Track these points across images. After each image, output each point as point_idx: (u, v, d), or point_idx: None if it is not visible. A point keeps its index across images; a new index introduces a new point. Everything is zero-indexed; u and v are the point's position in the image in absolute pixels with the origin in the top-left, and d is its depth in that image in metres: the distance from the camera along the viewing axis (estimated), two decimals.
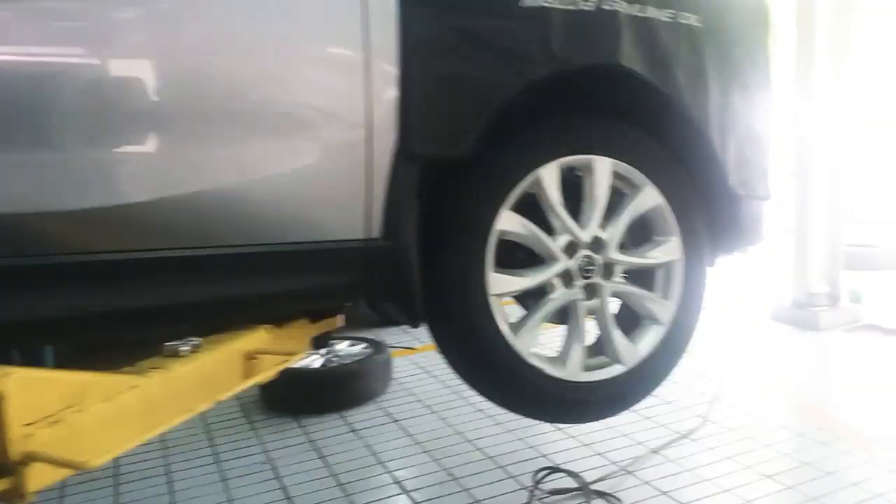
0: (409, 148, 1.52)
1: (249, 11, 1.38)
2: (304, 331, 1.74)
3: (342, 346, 3.50)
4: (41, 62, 1.26)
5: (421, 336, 4.02)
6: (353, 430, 2.94)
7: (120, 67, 1.33)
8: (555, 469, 2.38)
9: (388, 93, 1.49)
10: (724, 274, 5.27)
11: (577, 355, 1.82)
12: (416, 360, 3.76)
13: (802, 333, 4.01)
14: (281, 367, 1.55)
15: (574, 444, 2.69)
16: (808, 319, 4.03)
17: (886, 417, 2.82)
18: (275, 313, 1.67)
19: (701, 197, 1.98)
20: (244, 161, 1.38)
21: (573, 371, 1.81)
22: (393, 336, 4.02)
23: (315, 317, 1.82)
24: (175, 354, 1.37)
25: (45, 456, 1.05)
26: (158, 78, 1.33)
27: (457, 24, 1.56)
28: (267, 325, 1.61)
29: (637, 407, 2.96)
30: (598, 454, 2.61)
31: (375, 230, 1.51)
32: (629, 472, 2.46)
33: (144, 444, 2.80)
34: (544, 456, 2.61)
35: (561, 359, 1.83)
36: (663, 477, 2.41)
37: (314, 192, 1.45)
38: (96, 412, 1.12)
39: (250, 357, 1.50)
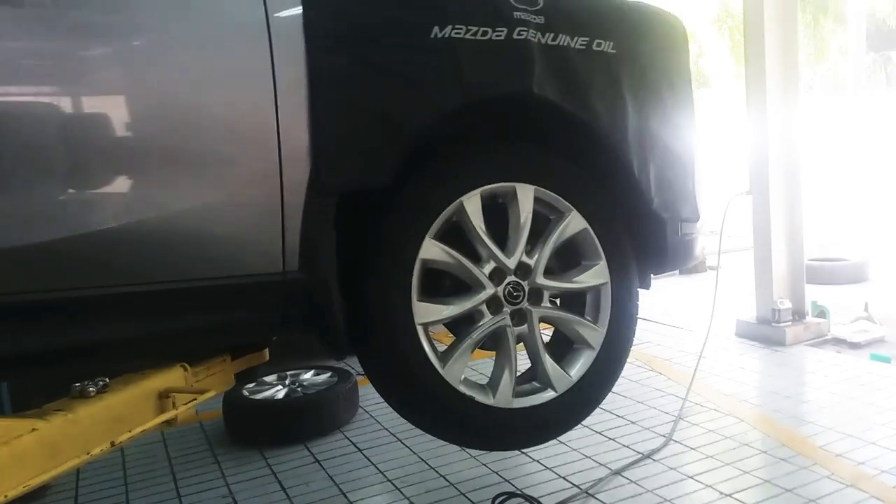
0: (323, 180, 1.52)
1: (154, 47, 1.39)
2: (225, 367, 1.73)
3: (307, 376, 3.47)
4: None
5: None
6: (317, 461, 2.91)
7: (27, 108, 1.33)
8: (512, 494, 2.36)
9: (298, 125, 1.50)
10: (685, 292, 5.31)
11: (507, 382, 1.82)
12: None
13: (768, 349, 4.03)
14: (191, 405, 1.53)
15: (537, 468, 2.68)
16: (773, 335, 4.06)
17: (850, 432, 2.82)
18: (191, 350, 1.65)
19: (626, 221, 2.01)
20: (154, 198, 1.37)
21: (504, 398, 1.81)
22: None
23: (238, 352, 1.81)
24: (83, 395, 1.35)
25: None
26: (68, 117, 1.33)
27: (365, 58, 1.57)
28: (183, 363, 1.59)
29: (602, 427, 3.00)
30: (561, 477, 2.60)
31: (292, 263, 1.51)
32: (590, 495, 2.44)
33: (105, 479, 2.82)
34: (507, 481, 2.59)
35: (491, 386, 1.83)
36: (623, 499, 2.40)
37: (227, 227, 1.44)
38: None
39: (163, 396, 1.48)
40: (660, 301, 5.35)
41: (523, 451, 2.79)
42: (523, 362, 1.91)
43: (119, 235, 1.34)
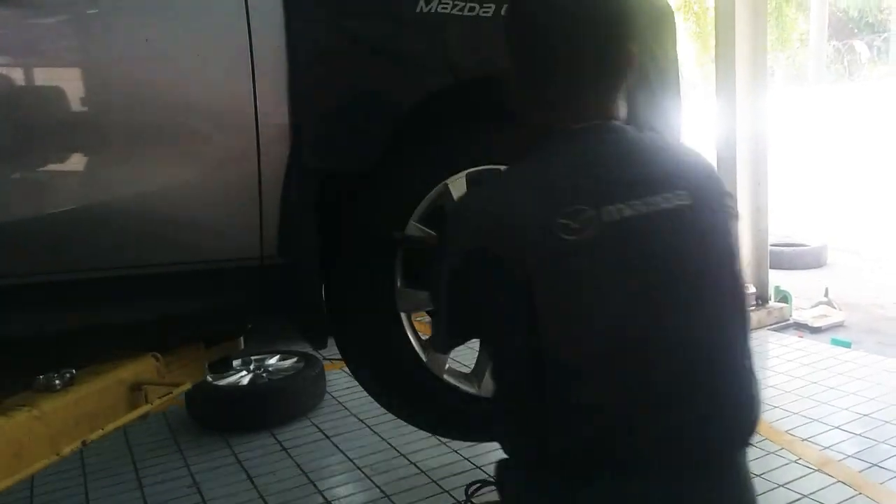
0: (303, 161, 1.45)
1: (123, 21, 1.31)
2: (198, 356, 1.65)
3: (272, 361, 3.40)
4: None
5: None
6: (283, 449, 2.85)
7: None
8: (486, 482, 2.33)
9: (276, 104, 1.42)
10: None
11: None
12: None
13: None
14: (168, 399, 1.45)
15: None
16: None
17: (815, 416, 2.86)
18: (164, 339, 1.57)
19: None
20: (127, 178, 1.29)
21: (489, 388, 1.77)
22: (326, 349, 3.92)
23: (211, 341, 1.74)
24: (48, 388, 1.25)
25: None
26: (25, 92, 1.25)
27: (349, 32, 1.49)
28: (155, 352, 1.51)
29: None
30: None
31: (270, 248, 1.44)
32: None
33: (61, 471, 2.72)
34: (479, 468, 2.57)
35: (475, 374, 1.79)
36: None
37: (200, 209, 1.37)
38: None
39: (135, 388, 1.39)
40: None
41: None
42: None
43: (86, 218, 1.26)
